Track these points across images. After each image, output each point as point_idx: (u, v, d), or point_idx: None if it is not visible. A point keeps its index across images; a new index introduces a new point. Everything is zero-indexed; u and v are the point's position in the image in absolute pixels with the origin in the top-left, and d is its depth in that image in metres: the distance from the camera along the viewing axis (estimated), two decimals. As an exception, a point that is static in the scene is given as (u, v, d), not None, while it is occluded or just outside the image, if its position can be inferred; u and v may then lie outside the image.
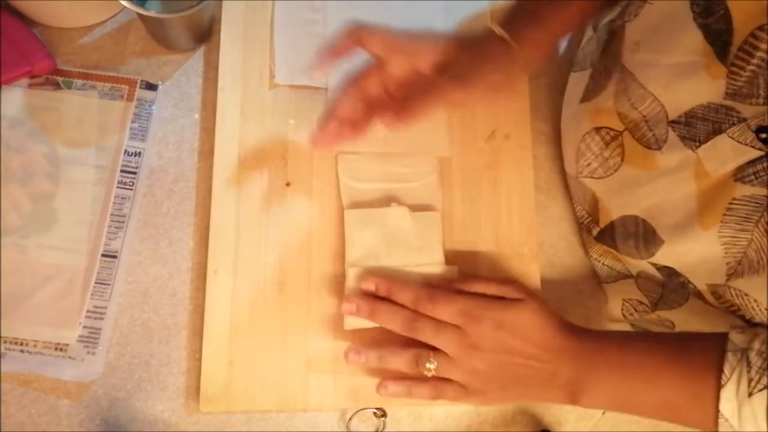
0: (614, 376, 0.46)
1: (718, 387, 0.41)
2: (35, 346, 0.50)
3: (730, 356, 0.41)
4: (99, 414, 0.51)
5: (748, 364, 0.40)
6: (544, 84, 0.63)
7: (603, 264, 0.57)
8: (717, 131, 0.41)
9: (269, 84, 0.57)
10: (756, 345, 0.41)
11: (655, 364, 0.45)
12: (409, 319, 0.48)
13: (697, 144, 0.43)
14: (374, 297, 0.50)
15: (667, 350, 0.46)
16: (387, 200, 0.55)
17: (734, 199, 0.41)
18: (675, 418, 0.46)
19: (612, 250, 0.55)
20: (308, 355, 0.52)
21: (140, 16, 0.51)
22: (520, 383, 0.47)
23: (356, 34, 0.48)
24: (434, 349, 0.47)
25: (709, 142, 0.42)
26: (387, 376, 0.50)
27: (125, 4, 0.50)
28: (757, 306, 0.43)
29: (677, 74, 0.43)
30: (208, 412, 0.51)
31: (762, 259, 0.40)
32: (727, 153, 0.41)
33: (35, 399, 0.50)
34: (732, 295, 0.44)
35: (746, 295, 0.43)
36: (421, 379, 0.48)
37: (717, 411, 0.41)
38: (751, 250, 0.41)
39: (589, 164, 0.54)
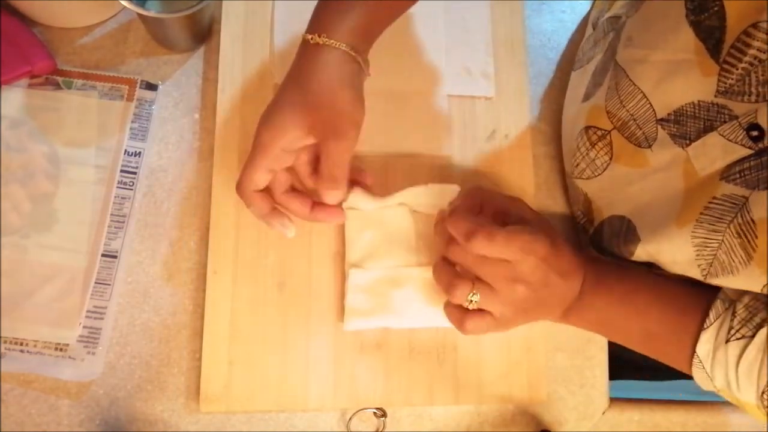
0: (607, 301, 0.47)
1: (700, 329, 0.43)
2: (35, 346, 0.50)
3: (718, 303, 0.43)
4: (99, 414, 0.51)
5: (734, 313, 0.42)
6: (544, 84, 0.63)
7: None
8: (708, 129, 0.41)
9: (269, 84, 0.57)
10: (746, 299, 0.42)
11: (646, 298, 0.47)
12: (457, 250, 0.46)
13: (688, 142, 0.43)
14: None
15: (660, 288, 0.47)
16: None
17: (714, 197, 0.41)
18: (653, 351, 0.47)
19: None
20: (308, 355, 0.52)
21: (140, 16, 0.51)
22: (542, 308, 0.47)
23: None
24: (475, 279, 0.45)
25: (699, 140, 0.42)
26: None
27: (125, 4, 0.50)
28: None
29: (667, 72, 0.43)
30: (208, 412, 0.51)
31: (734, 260, 0.40)
32: (716, 151, 0.41)
33: (35, 399, 0.50)
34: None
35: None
36: (461, 310, 0.46)
37: (693, 351, 0.43)
38: (721, 252, 0.41)
39: (577, 165, 0.54)
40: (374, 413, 0.53)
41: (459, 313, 0.46)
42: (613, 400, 0.58)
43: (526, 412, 0.56)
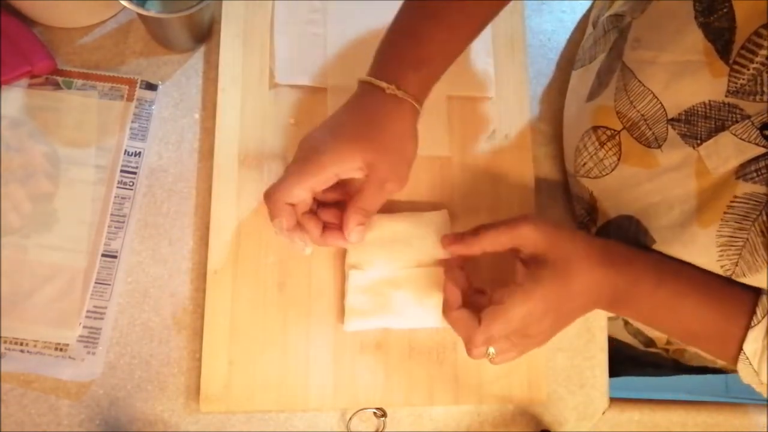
0: (647, 303, 0.46)
1: (745, 327, 0.42)
2: (35, 346, 0.50)
3: (765, 299, 0.42)
4: (99, 414, 0.51)
5: None
6: (544, 84, 0.63)
7: None
8: (720, 129, 0.42)
9: (269, 84, 0.57)
10: None
11: (690, 301, 0.45)
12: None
13: (699, 142, 0.43)
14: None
15: (703, 288, 0.45)
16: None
17: (735, 197, 0.41)
18: (696, 346, 0.50)
19: None
20: (308, 355, 0.52)
21: (140, 16, 0.51)
22: (566, 325, 0.47)
23: None
24: None
25: (711, 140, 0.42)
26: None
27: (125, 4, 0.50)
28: None
29: (677, 73, 0.43)
30: (208, 412, 0.51)
31: (757, 260, 0.40)
32: (729, 150, 0.41)
33: (35, 399, 0.50)
34: None
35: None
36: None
37: (740, 349, 0.42)
38: (746, 251, 0.41)
39: (584, 164, 0.54)
40: (374, 413, 0.53)
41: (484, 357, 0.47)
42: (613, 400, 0.57)
43: (526, 412, 0.56)
